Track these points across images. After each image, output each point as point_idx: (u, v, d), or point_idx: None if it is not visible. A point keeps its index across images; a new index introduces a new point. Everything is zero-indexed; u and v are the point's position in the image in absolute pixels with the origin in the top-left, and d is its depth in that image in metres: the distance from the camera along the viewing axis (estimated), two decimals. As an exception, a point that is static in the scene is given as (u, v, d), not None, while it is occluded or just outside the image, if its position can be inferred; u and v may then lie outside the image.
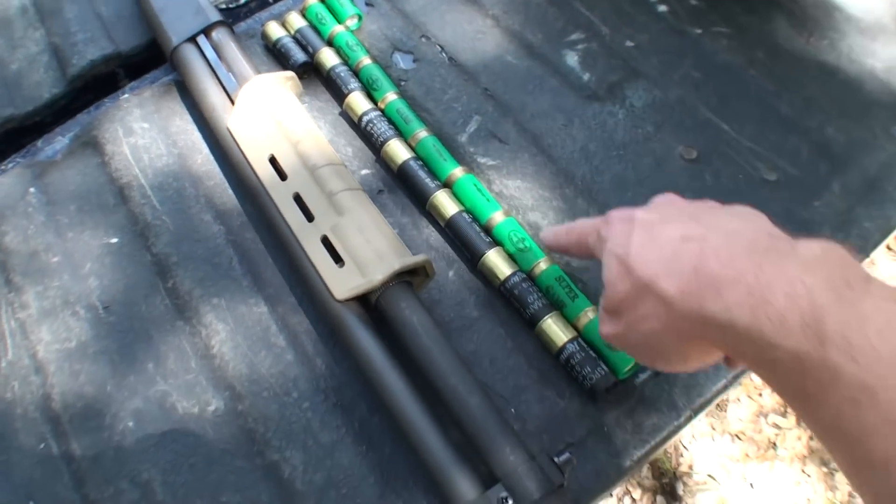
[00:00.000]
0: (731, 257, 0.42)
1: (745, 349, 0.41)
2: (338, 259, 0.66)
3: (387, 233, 0.67)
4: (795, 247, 0.41)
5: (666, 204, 0.51)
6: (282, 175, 0.71)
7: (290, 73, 0.78)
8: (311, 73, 0.85)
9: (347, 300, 0.64)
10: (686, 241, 0.45)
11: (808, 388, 0.37)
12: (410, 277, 0.66)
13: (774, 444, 1.44)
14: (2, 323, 0.72)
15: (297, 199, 0.69)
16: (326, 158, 0.71)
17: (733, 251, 0.42)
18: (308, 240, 0.67)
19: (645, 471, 1.42)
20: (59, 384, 0.68)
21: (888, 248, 1.55)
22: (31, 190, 0.78)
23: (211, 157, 0.79)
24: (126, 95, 0.84)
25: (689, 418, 0.65)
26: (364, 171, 0.78)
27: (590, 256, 0.55)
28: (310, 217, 0.68)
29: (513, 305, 0.68)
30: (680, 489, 1.39)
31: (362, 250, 0.65)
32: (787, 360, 0.38)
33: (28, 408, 0.68)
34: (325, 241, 0.67)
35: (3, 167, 0.81)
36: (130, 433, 0.65)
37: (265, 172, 0.71)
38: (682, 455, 1.43)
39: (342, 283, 0.64)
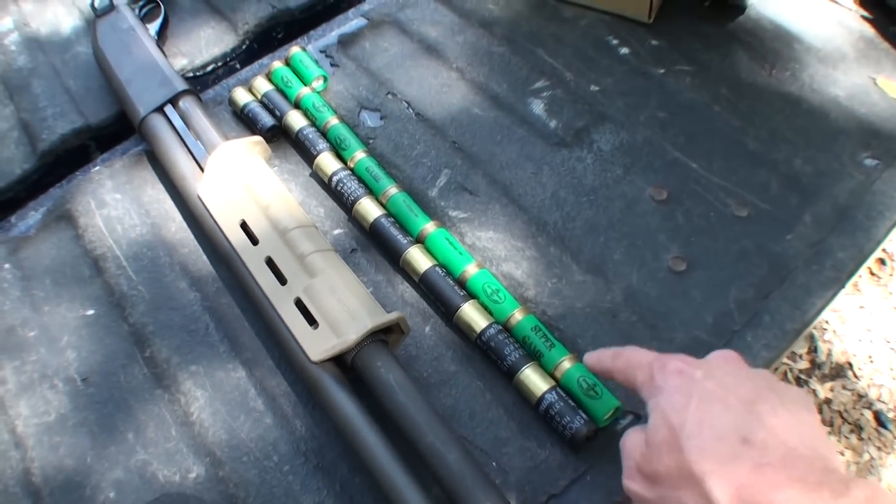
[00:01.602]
0: (787, 485, 0.42)
1: None
2: (312, 321, 0.66)
3: (359, 292, 0.67)
4: (847, 488, 0.41)
5: (725, 370, 0.50)
6: (253, 240, 0.71)
7: (258, 138, 0.79)
8: (279, 136, 0.85)
9: (323, 361, 0.64)
10: (745, 445, 0.44)
11: None
12: (386, 336, 0.66)
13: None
14: (-20, 400, 0.72)
15: (270, 262, 0.69)
16: (296, 221, 0.71)
17: (790, 478, 0.42)
18: (281, 303, 0.67)
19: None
20: (38, 458, 0.67)
21: (871, 272, 1.56)
22: (6, 266, 0.78)
23: (184, 225, 0.80)
24: (97, 168, 0.84)
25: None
26: (336, 231, 0.78)
27: (632, 389, 0.55)
28: (282, 280, 0.68)
29: (490, 358, 0.68)
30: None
31: (335, 311, 0.65)
32: None
33: (8, 482, 0.67)
34: (299, 304, 0.67)
35: (-23, 244, 0.82)
36: (111, 505, 0.65)
37: (237, 238, 0.71)
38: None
39: (317, 345, 0.64)
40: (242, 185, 0.74)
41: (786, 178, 0.79)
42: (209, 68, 0.96)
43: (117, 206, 0.81)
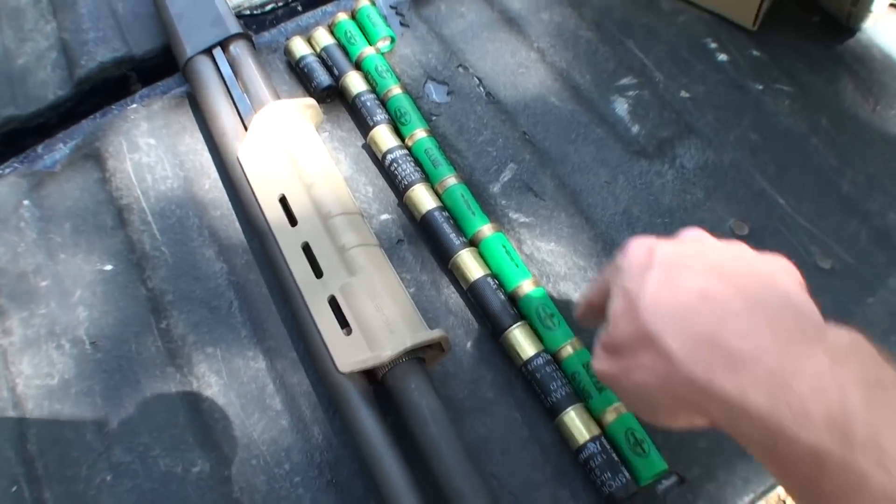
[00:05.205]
0: (754, 332, 0.39)
1: (756, 436, 0.38)
2: (344, 323, 0.60)
3: (401, 300, 0.61)
4: (824, 333, 0.38)
5: (692, 241, 0.47)
6: (292, 219, 0.64)
7: (311, 101, 0.72)
8: (334, 96, 0.78)
9: (351, 373, 0.58)
10: (705, 300, 0.41)
11: (824, 489, 0.34)
12: (423, 351, 0.60)
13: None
14: (-18, 347, 0.67)
15: (307, 249, 0.63)
16: (342, 206, 0.64)
17: (756, 324, 0.39)
18: (314, 298, 0.61)
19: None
20: (36, 425, 0.63)
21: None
22: (25, 202, 0.73)
23: (219, 184, 0.73)
24: (134, 105, 0.77)
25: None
26: (383, 216, 0.71)
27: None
28: (318, 272, 0.62)
29: (533, 389, 0.62)
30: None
31: (372, 319, 0.59)
32: (804, 455, 0.35)
33: (3, 444, 0.63)
34: (333, 303, 0.61)
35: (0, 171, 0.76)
36: (107, 488, 0.60)
37: (274, 214, 0.65)
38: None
39: (347, 355, 0.59)
40: (287, 154, 0.67)
41: (877, 232, 0.71)
42: (268, 7, 0.88)
43: (150, 152, 0.74)
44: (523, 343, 0.63)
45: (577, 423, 0.60)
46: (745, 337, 0.39)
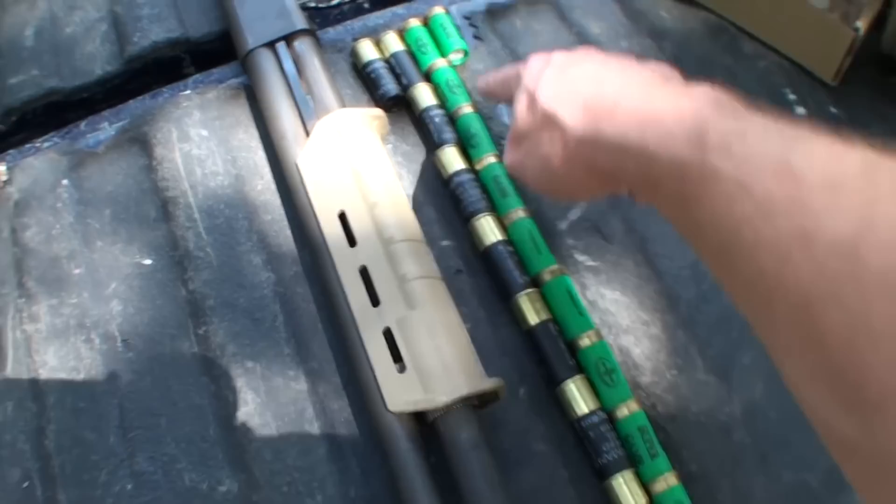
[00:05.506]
0: (624, 85, 0.46)
1: (633, 167, 0.43)
2: (398, 358, 0.57)
3: (460, 341, 0.58)
4: (688, 86, 0.44)
5: (585, 51, 0.53)
6: (351, 239, 0.61)
7: (380, 112, 0.68)
8: (400, 106, 0.74)
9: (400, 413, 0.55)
10: (589, 79, 0.48)
11: (686, 192, 0.39)
12: (477, 397, 0.57)
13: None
14: (6, 331, 0.64)
15: (364, 273, 0.60)
16: (406, 232, 0.61)
17: (629, 83, 0.46)
18: (368, 328, 0.58)
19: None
20: (56, 420, 0.60)
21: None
22: (64, 182, 0.69)
23: (272, 186, 0.70)
24: (187, 92, 0.74)
25: None
26: (444, 243, 0.67)
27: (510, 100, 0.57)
28: (375, 300, 0.59)
29: (584, 446, 0.59)
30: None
31: (429, 359, 0.56)
32: (670, 170, 0.40)
33: (18, 436, 0.60)
34: (388, 335, 0.58)
35: (38, 144, 0.72)
36: (127, 497, 0.58)
37: (332, 230, 0.62)
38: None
39: (398, 393, 0.56)
40: (351, 167, 0.63)
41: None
42: (334, 1, 0.84)
43: (202, 144, 0.70)
44: (579, 398, 0.60)
45: (624, 491, 0.57)
46: (618, 89, 0.46)
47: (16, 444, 0.60)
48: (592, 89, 0.47)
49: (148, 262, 0.66)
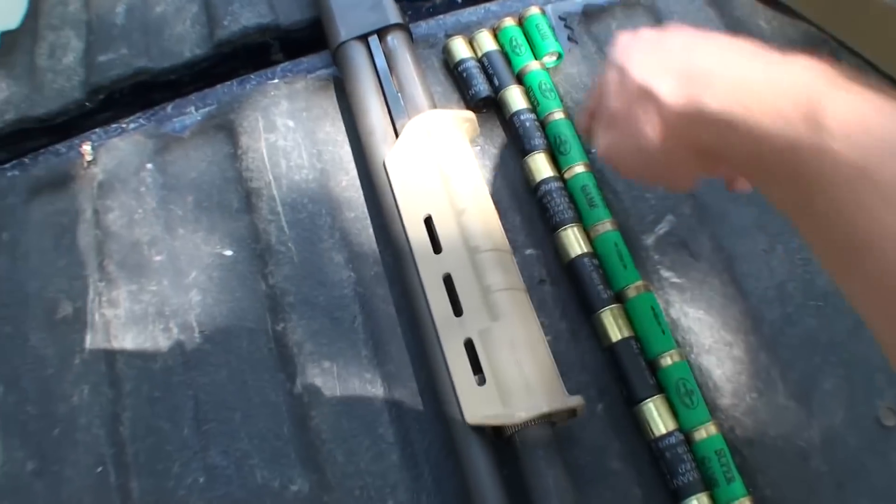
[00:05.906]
0: (724, 56, 0.43)
1: (739, 144, 0.41)
2: (477, 370, 0.56)
3: (542, 357, 0.57)
4: (789, 55, 0.41)
5: (676, 28, 0.50)
6: (436, 245, 0.60)
7: (471, 115, 0.67)
8: (490, 106, 0.72)
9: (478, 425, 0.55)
10: (682, 49, 0.46)
11: (800, 174, 0.37)
12: (555, 414, 0.56)
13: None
14: (86, 313, 0.64)
15: (448, 281, 0.59)
16: (493, 242, 0.60)
17: (726, 53, 0.44)
18: (450, 337, 0.57)
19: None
20: (131, 407, 0.61)
21: None
22: (149, 166, 0.69)
23: (357, 183, 0.69)
24: (276, 80, 0.73)
25: None
26: (528, 251, 0.66)
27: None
28: (458, 310, 0.58)
29: (660, 467, 0.58)
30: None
31: (510, 373, 0.55)
32: (783, 149, 0.38)
33: (94, 421, 0.61)
34: (469, 346, 0.57)
35: (124, 124, 0.72)
36: (199, 491, 0.58)
37: (417, 234, 0.61)
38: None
39: (477, 405, 0.55)
40: (440, 171, 0.62)
41: None
42: (427, -6, 0.83)
43: (288, 135, 0.70)
44: (658, 418, 0.59)
45: (700, 514, 0.56)
46: (715, 59, 0.43)
47: (90, 429, 0.60)
48: (687, 59, 0.45)
49: (229, 252, 0.66)
